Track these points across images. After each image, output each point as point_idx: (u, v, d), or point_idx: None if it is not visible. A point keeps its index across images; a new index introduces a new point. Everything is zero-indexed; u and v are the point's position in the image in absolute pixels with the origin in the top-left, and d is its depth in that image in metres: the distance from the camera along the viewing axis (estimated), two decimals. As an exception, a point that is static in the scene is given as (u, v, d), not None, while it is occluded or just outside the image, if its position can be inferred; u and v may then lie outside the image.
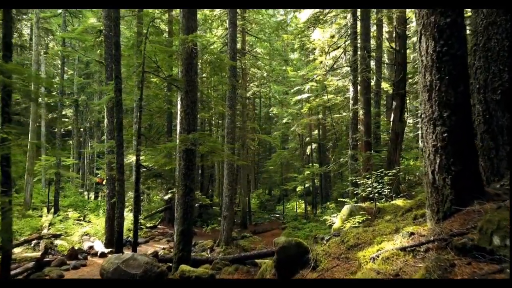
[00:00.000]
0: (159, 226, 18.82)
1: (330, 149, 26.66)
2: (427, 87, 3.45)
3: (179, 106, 11.99)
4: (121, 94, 8.98)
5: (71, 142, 32.17)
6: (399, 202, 9.11)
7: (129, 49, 9.91)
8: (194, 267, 8.02)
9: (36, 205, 22.70)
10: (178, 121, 12.00)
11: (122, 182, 8.73)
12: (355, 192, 10.56)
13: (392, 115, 12.99)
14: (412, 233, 3.27)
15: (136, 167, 9.39)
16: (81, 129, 33.63)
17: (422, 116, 3.54)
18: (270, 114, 37.13)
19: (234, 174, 15.25)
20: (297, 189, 27.94)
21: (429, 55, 3.42)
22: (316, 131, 26.46)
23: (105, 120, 12.83)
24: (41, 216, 18.44)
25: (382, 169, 9.19)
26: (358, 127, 13.88)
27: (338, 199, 21.52)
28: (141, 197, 20.34)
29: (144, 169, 9.86)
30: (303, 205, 25.73)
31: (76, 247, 12.32)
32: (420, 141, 23.43)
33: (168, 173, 10.94)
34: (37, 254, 10.32)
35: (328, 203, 25.94)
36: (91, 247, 11.92)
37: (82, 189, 30.48)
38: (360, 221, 4.63)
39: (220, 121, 27.75)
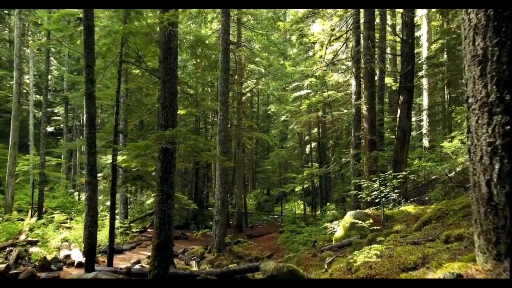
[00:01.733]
0: (149, 230, 17.74)
1: (330, 148, 25.57)
2: (478, 57, 2.34)
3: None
4: (93, 86, 7.87)
5: (62, 141, 31.05)
6: (409, 208, 8.02)
7: (106, 38, 8.81)
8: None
9: (22, 207, 21.63)
10: (164, 117, 10.89)
11: (94, 186, 7.64)
12: (358, 196, 9.48)
13: (399, 111, 11.89)
14: (459, 276, 2.17)
15: (112, 168, 8.30)
16: (73, 128, 32.51)
17: (470, 100, 2.44)
18: (269, 112, 36.06)
19: (227, 175, 14.18)
20: (296, 190, 26.89)
21: (481, 10, 2.32)
22: (315, 129, 25.36)
23: (85, 116, 11.72)
24: (22, 219, 17.38)
25: (390, 171, 8.10)
26: (361, 124, 12.80)
27: (339, 203, 20.45)
28: (130, 199, 19.29)
29: (123, 171, 8.76)
30: (302, 206, 24.64)
31: (51, 256, 11.24)
32: (424, 139, 22.36)
33: (152, 175, 9.85)
34: (4, 265, 9.21)
35: (328, 204, 24.87)
36: (67, 256, 10.81)
37: (74, 189, 29.38)
38: (378, 251, 3.48)
39: (216, 119, 26.63)
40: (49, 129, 32.32)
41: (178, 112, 10.51)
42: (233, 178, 26.90)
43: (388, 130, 19.60)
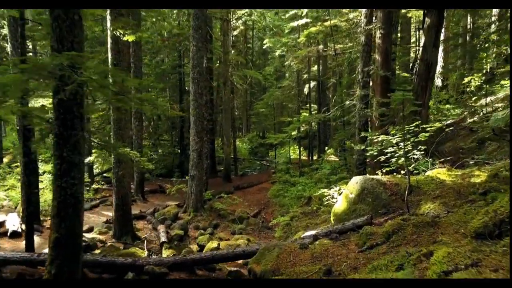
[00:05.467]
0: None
1: (331, 88, 22.77)
2: None
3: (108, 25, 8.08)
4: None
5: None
6: (441, 174, 5.65)
7: None
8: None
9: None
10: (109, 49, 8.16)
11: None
12: (367, 153, 7.10)
13: (423, 38, 9.07)
14: None
15: (20, 117, 5.84)
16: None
17: None
18: (264, 48, 32.52)
19: (204, 122, 11.73)
20: (292, 133, 24.53)
21: None
22: (315, 67, 22.31)
23: (8, 45, 8.93)
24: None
25: (419, 120, 5.59)
26: (372, 56, 10.04)
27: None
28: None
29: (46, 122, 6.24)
30: (298, 151, 22.49)
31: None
32: (436, 77, 19.56)
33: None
34: None
35: (326, 148, 22.76)
36: (1, 224, 8.74)
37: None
38: None
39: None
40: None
41: (127, 39, 7.73)
42: (229, 120, 24.47)
43: (398, 66, 16.75)
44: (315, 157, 22.07)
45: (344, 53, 17.90)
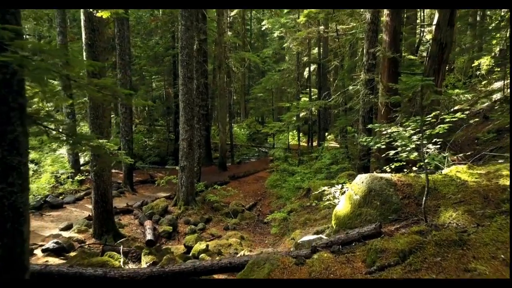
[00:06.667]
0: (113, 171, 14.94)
1: (332, 71, 21.78)
2: None
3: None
4: None
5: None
6: (462, 173, 4.86)
7: None
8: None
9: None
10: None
11: None
12: (375, 146, 6.26)
13: (436, 15, 8.14)
14: None
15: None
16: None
17: None
18: (263, 29, 31.26)
19: (194, 109, 10.87)
20: (292, 120, 23.54)
21: None
22: (316, 49, 21.24)
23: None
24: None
25: (437, 110, 4.77)
26: (379, 36, 9.12)
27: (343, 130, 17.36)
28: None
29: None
30: (297, 137, 21.67)
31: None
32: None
33: (52, 115, 6.63)
34: None
35: (327, 135, 21.99)
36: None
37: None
38: None
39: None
40: None
41: (101, 15, 6.82)
42: (227, 108, 23.52)
43: (405, 47, 15.75)
44: (314, 143, 21.29)
45: (346, 34, 16.86)
